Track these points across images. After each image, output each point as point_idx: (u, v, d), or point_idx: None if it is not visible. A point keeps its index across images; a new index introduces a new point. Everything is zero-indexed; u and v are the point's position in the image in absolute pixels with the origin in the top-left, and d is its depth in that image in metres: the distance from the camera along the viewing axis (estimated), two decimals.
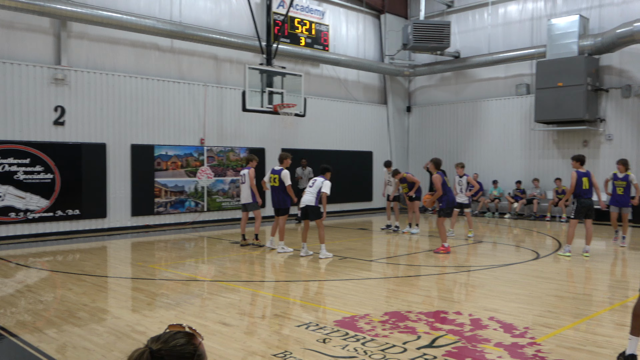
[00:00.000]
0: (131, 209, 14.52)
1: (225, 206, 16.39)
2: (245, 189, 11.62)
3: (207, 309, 6.60)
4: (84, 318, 6.18)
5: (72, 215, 13.41)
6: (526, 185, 18.48)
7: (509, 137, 19.15)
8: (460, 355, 4.86)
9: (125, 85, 14.44)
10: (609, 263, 10.09)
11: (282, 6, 17.42)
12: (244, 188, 11.67)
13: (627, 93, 16.47)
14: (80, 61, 13.84)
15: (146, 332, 5.59)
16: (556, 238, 13.24)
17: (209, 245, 12.54)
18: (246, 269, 9.44)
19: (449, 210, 11.00)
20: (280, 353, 4.94)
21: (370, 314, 6.26)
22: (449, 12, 20.69)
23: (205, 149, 15.94)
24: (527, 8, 18.79)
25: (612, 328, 5.77)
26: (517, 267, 9.40)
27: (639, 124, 16.35)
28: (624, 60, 16.64)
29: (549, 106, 16.91)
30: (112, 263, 10.33)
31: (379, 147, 21.23)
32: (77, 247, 11.84)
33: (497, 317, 6.16)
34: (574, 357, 4.83)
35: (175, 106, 15.41)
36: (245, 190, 11.63)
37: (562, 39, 16.79)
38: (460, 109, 20.54)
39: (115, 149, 14.22)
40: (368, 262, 10.01)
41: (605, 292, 7.79)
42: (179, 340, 1.74)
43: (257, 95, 14.21)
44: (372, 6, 20.74)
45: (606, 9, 16.97)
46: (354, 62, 19.52)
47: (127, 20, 13.91)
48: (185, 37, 15.08)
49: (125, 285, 8.20)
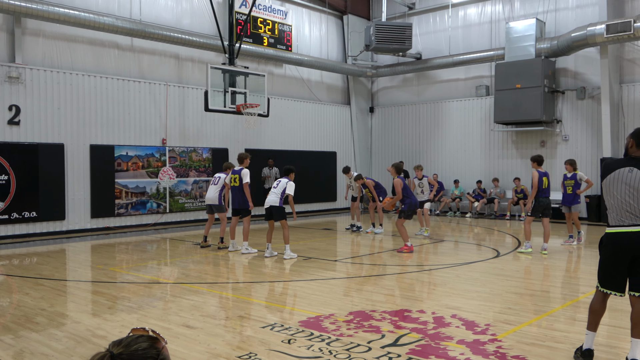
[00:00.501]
0: (91, 210, 14.20)
1: (188, 207, 16.19)
2: (213, 190, 11.52)
3: (170, 311, 6.51)
4: (42, 323, 6.01)
5: (28, 218, 13.02)
6: (487, 185, 18.85)
7: (469, 137, 19.50)
8: (423, 353, 4.92)
9: (84, 84, 14.11)
10: (566, 260, 10.38)
11: (244, 5, 17.32)
12: (212, 189, 11.56)
13: (581, 95, 16.99)
14: (36, 59, 13.46)
15: (107, 336, 5.48)
16: (516, 236, 13.55)
17: (171, 247, 12.37)
18: (210, 271, 9.35)
19: (410, 213, 11.10)
20: (245, 354, 4.91)
21: (335, 314, 6.28)
22: (410, 14, 20.94)
23: (167, 150, 15.71)
24: (486, 11, 19.18)
25: (569, 324, 5.93)
26: (478, 266, 9.58)
27: (593, 125, 16.89)
28: (579, 63, 17.16)
29: (508, 107, 17.29)
30: (71, 266, 10.07)
31: (343, 148, 21.34)
32: (34, 251, 11.51)
33: (460, 314, 6.26)
34: (534, 352, 4.95)
35: (135, 106, 15.14)
36: (213, 192, 11.52)
37: (520, 41, 17.19)
38: (421, 109, 20.81)
39: (73, 150, 13.89)
40: (332, 262, 10.04)
41: (563, 288, 8.01)
42: (141, 344, 1.71)
43: (220, 95, 14.09)
44: (334, 7, 20.82)
45: (561, 13, 17.46)
46: (317, 63, 19.55)
47: (85, 17, 13.60)
48: (145, 35, 14.84)
49: (85, 289, 8.01)
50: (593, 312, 4.75)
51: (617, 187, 4.51)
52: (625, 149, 4.67)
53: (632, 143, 4.58)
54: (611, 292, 4.61)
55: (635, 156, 4.54)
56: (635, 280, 4.52)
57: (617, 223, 4.52)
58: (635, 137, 4.56)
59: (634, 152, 4.56)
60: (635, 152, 4.55)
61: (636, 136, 4.57)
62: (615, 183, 4.53)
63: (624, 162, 4.58)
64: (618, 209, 4.51)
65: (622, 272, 4.55)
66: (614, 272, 4.57)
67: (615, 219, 4.54)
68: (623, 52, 16.44)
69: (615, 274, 4.57)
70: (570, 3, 17.33)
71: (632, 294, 4.55)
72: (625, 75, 16.47)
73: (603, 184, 4.65)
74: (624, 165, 4.54)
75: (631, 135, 4.62)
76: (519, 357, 4.81)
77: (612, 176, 4.57)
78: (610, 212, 4.59)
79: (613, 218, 4.56)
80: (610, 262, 4.59)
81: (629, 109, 16.26)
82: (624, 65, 16.48)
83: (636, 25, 14.46)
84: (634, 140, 4.56)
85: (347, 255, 11.56)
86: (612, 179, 4.56)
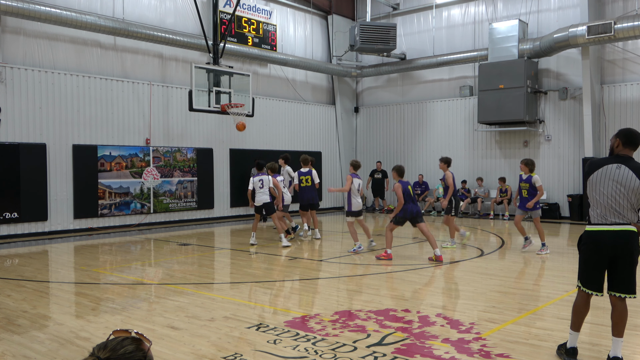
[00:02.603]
0: (73, 211, 14.04)
1: (172, 208, 16.09)
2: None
3: (155, 312, 6.47)
4: (24, 325, 5.94)
5: (9, 219, 12.85)
6: (471, 185, 18.99)
7: (453, 137, 19.63)
8: (409, 352, 4.95)
9: (66, 83, 13.95)
10: (551, 259, 10.48)
11: (229, 5, 17.25)
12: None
13: (563, 95, 17.19)
14: (16, 58, 13.28)
15: (90, 338, 5.43)
16: (499, 235, 13.66)
17: (155, 247, 12.28)
18: (194, 271, 9.30)
19: (403, 220, 10.27)
20: (231, 355, 4.89)
21: (320, 314, 6.29)
22: (394, 15, 21.01)
23: (151, 149, 15.60)
24: (470, 12, 19.31)
25: (552, 322, 6.00)
26: (462, 265, 9.64)
27: (575, 125, 17.09)
28: (561, 64, 17.36)
29: (491, 108, 17.43)
30: (53, 267, 9.96)
31: (328, 148, 21.36)
32: (15, 252, 11.36)
33: (444, 313, 6.30)
34: (518, 350, 5.00)
35: (118, 105, 15.01)
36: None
37: (503, 42, 17.34)
38: (406, 109, 20.90)
39: (55, 150, 13.73)
40: (318, 262, 10.04)
41: (546, 287, 8.09)
42: (127, 347, 1.70)
43: (204, 95, 14.02)
44: (319, 7, 20.82)
45: (544, 14, 17.64)
46: (302, 63, 19.54)
47: (67, 16, 13.43)
48: (128, 34, 14.70)
49: (68, 290, 7.93)
50: (577, 312, 4.75)
51: (605, 184, 4.51)
52: (611, 148, 4.70)
53: (618, 142, 4.62)
54: (593, 292, 4.62)
55: (622, 154, 4.59)
56: (615, 280, 4.53)
57: (600, 221, 4.52)
58: (622, 137, 4.61)
59: (621, 151, 4.60)
60: (622, 151, 4.59)
61: (622, 136, 4.61)
62: (602, 179, 4.53)
63: (611, 159, 4.61)
64: (603, 206, 4.51)
65: (602, 272, 4.57)
66: (595, 271, 4.57)
67: (599, 216, 4.53)
68: (604, 53, 16.66)
69: (597, 274, 4.57)
70: (552, 4, 17.52)
71: (612, 294, 4.57)
72: (606, 76, 16.69)
73: (589, 181, 4.64)
74: (612, 163, 4.56)
75: (617, 135, 4.66)
76: (503, 355, 4.85)
77: (599, 172, 4.57)
78: (595, 209, 4.58)
79: (596, 215, 4.56)
80: (592, 261, 4.58)
81: (609, 109, 16.49)
82: (605, 66, 16.70)
83: (617, 27, 14.66)
84: (620, 140, 4.60)
85: (333, 255, 11.56)
86: (600, 175, 4.56)
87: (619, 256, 4.47)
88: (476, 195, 18.47)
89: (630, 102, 16.13)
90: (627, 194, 4.45)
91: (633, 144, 4.61)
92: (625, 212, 4.48)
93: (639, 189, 4.43)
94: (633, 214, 4.51)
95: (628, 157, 4.59)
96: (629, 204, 4.48)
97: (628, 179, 4.45)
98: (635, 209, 4.52)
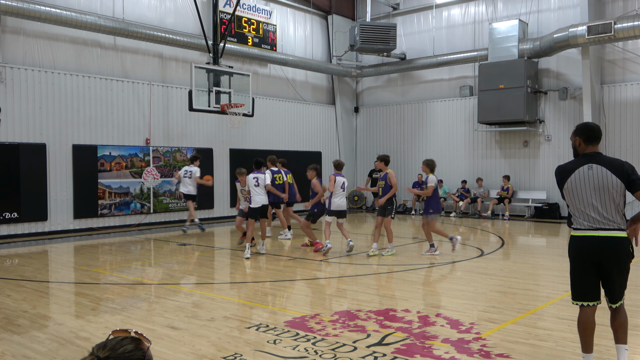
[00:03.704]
0: (73, 211, 14.04)
1: (172, 208, 16.09)
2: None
3: (155, 312, 6.47)
4: (24, 325, 5.94)
5: (9, 219, 12.84)
6: (471, 185, 18.99)
7: (453, 137, 19.62)
8: (409, 352, 4.95)
9: (66, 83, 13.95)
10: (550, 259, 10.48)
11: (228, 5, 17.25)
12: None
13: (563, 95, 17.18)
14: (16, 58, 13.28)
15: (90, 338, 5.43)
16: (499, 235, 13.66)
17: (155, 247, 12.28)
18: (194, 271, 9.30)
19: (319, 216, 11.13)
20: (231, 355, 4.89)
21: (320, 314, 6.28)
22: (394, 15, 21.01)
23: (150, 149, 15.59)
24: (470, 12, 19.31)
25: (552, 322, 5.99)
26: (462, 265, 9.64)
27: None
28: (561, 63, 17.36)
29: (491, 107, 17.43)
30: (53, 267, 9.96)
31: (328, 147, 21.35)
32: (15, 252, 11.35)
33: (444, 313, 6.30)
34: (517, 350, 5.00)
35: (118, 105, 15.01)
36: None
37: (503, 42, 17.34)
38: (406, 109, 20.90)
39: (55, 150, 13.73)
40: (318, 262, 10.04)
41: (546, 287, 8.09)
42: (126, 346, 1.70)
43: (204, 95, 14.01)
44: (319, 7, 20.82)
45: (544, 14, 17.64)
46: (302, 63, 19.54)
47: (67, 16, 13.43)
48: (128, 34, 14.70)
49: (68, 290, 7.93)
50: (581, 330, 4.27)
51: (583, 189, 4.16)
52: (574, 148, 4.36)
53: (578, 141, 4.30)
54: (585, 302, 4.22)
55: (589, 153, 4.25)
56: (607, 290, 4.20)
57: (585, 226, 4.17)
58: (581, 134, 4.28)
59: (584, 149, 4.27)
60: (586, 149, 4.26)
61: (581, 132, 4.29)
62: (578, 185, 4.18)
63: (581, 161, 4.24)
64: (586, 213, 4.16)
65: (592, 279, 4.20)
66: (583, 279, 4.22)
67: (584, 220, 4.18)
68: (604, 53, 16.65)
69: (586, 282, 4.21)
70: (553, 4, 17.51)
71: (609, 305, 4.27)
72: (606, 76, 16.68)
73: (565, 190, 4.27)
74: (581, 164, 4.21)
75: (575, 133, 4.33)
76: (502, 355, 4.85)
77: (572, 179, 4.21)
78: (577, 216, 4.23)
79: (581, 220, 4.20)
80: (578, 269, 4.24)
81: (609, 109, 16.48)
82: (605, 66, 16.70)
83: (617, 27, 14.65)
84: (581, 138, 4.28)
85: (333, 255, 11.55)
86: (574, 181, 4.20)
87: (606, 264, 4.12)
88: (475, 196, 18.47)
89: (631, 102, 16.13)
90: (610, 195, 4.09)
91: (595, 139, 4.26)
92: (612, 215, 4.11)
93: (618, 185, 4.07)
94: (620, 217, 4.14)
95: (595, 153, 4.23)
96: (614, 205, 4.11)
97: (605, 178, 4.10)
98: (621, 210, 4.15)
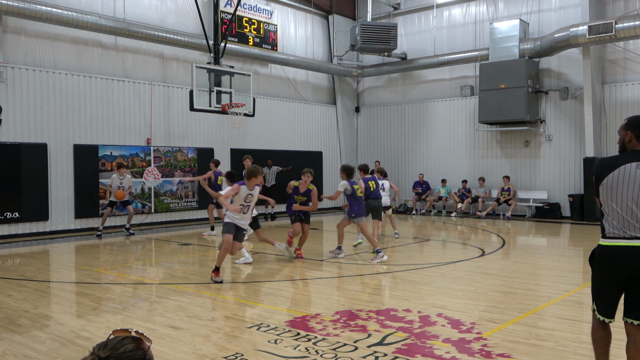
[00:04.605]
0: (75, 211, 14.05)
1: (173, 207, 16.09)
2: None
3: (156, 312, 6.47)
4: (25, 325, 5.94)
5: (11, 219, 12.86)
6: (471, 185, 18.98)
7: (454, 137, 19.62)
8: (410, 352, 4.94)
9: (67, 83, 13.96)
10: (551, 259, 10.47)
11: (229, 5, 17.26)
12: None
13: (564, 95, 17.17)
14: (17, 58, 13.29)
15: (91, 337, 5.43)
16: (500, 235, 13.65)
17: (156, 247, 12.28)
18: (195, 271, 9.30)
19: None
20: (232, 355, 4.89)
21: (321, 314, 6.28)
22: (395, 14, 21.00)
23: (151, 149, 15.60)
24: (471, 12, 19.30)
25: (553, 322, 5.99)
26: (463, 264, 9.64)
27: (576, 125, 17.07)
28: (562, 63, 17.35)
29: (492, 107, 17.42)
30: (55, 267, 9.96)
31: (329, 147, 21.36)
32: (16, 252, 11.37)
33: (445, 313, 6.30)
34: (519, 350, 5.00)
35: (119, 105, 15.02)
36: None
37: (504, 42, 17.33)
38: (407, 109, 20.89)
39: (57, 150, 13.74)
40: (318, 262, 10.04)
41: (547, 287, 8.08)
42: (127, 346, 1.71)
43: (205, 95, 14.03)
44: (320, 7, 20.82)
45: (545, 14, 17.63)
46: (303, 63, 19.54)
47: (68, 16, 13.45)
48: (129, 34, 14.71)
49: (69, 290, 7.93)
50: (596, 341, 3.91)
51: (624, 189, 3.65)
52: (622, 144, 3.84)
53: (630, 136, 3.77)
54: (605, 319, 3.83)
55: (639, 150, 3.75)
56: (631, 304, 3.72)
57: (617, 234, 3.68)
58: (634, 128, 3.76)
59: (635, 145, 3.75)
60: (637, 145, 3.74)
61: (634, 126, 3.77)
62: (620, 183, 3.66)
63: (629, 157, 3.72)
64: (621, 217, 3.66)
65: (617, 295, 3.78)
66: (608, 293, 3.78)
67: (616, 228, 3.69)
68: (605, 53, 16.64)
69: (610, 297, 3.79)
70: (554, 4, 17.50)
71: (628, 321, 3.74)
72: (607, 76, 16.67)
73: (602, 186, 3.76)
74: (630, 161, 3.69)
75: (626, 127, 3.80)
76: (504, 355, 4.85)
77: (615, 175, 3.69)
78: (610, 219, 3.73)
79: (612, 227, 3.71)
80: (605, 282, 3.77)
81: (610, 109, 16.47)
82: (606, 65, 16.68)
83: (617, 27, 14.64)
84: (633, 132, 3.75)
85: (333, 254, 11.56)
86: (616, 178, 3.68)
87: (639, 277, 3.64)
88: (476, 196, 18.46)
89: (631, 101, 16.11)
90: None
91: None
92: None
93: None
94: None
95: None
96: None
97: None
98: None
